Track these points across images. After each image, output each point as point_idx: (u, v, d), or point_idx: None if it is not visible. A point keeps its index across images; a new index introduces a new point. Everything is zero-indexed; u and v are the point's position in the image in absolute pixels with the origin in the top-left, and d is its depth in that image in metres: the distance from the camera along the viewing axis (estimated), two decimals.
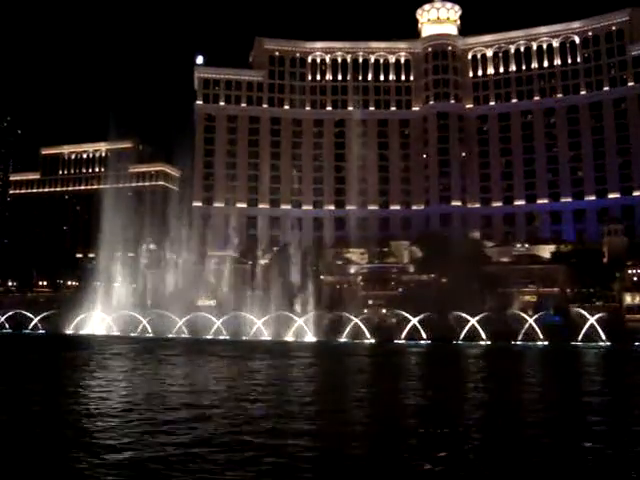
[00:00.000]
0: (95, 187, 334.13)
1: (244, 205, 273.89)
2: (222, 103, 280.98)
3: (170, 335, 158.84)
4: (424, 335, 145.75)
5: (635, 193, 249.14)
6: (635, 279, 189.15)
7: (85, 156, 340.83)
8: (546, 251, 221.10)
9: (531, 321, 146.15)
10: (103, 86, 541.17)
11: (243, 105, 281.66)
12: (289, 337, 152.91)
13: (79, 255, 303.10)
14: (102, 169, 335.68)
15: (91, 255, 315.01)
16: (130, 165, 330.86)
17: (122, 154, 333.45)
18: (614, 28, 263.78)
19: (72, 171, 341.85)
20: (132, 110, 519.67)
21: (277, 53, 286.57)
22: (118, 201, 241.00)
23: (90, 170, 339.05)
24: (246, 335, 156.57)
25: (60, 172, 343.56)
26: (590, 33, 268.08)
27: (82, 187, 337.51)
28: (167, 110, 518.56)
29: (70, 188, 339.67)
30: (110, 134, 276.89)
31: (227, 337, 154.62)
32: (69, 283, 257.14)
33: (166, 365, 77.91)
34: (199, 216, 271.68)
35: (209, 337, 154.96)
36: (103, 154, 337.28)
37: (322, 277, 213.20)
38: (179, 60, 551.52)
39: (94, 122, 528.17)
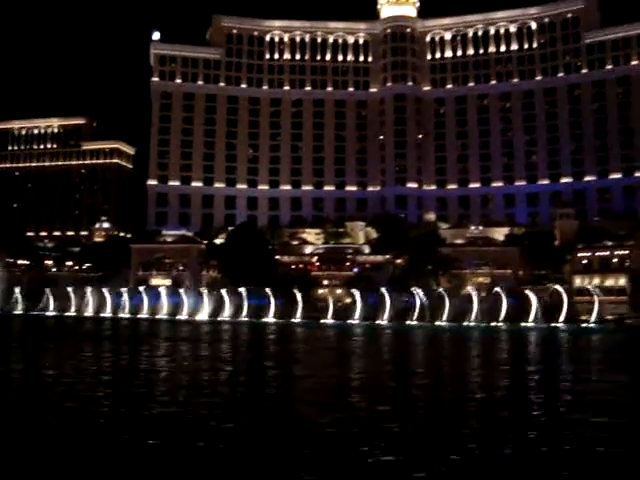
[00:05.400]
0: (47, 164, 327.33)
1: (200, 184, 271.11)
2: (178, 80, 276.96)
3: None
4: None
5: (586, 178, 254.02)
6: (585, 262, 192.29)
7: (36, 132, 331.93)
8: (500, 233, 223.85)
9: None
10: (56, 60, 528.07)
11: (200, 83, 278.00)
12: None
13: (30, 234, 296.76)
14: (54, 145, 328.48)
15: (43, 233, 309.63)
16: (83, 142, 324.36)
17: (75, 130, 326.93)
18: (570, 15, 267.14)
19: (22, 147, 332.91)
20: (86, 85, 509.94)
21: (235, 31, 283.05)
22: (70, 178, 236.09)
23: (41, 146, 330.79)
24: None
25: (9, 148, 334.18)
26: (546, 20, 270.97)
27: (33, 164, 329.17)
28: (122, 86, 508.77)
29: (20, 165, 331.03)
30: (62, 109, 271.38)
31: None
32: (19, 262, 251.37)
33: None
34: (154, 194, 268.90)
35: None
36: (55, 130, 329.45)
37: (278, 257, 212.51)
38: (134, 35, 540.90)
39: (46, 97, 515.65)
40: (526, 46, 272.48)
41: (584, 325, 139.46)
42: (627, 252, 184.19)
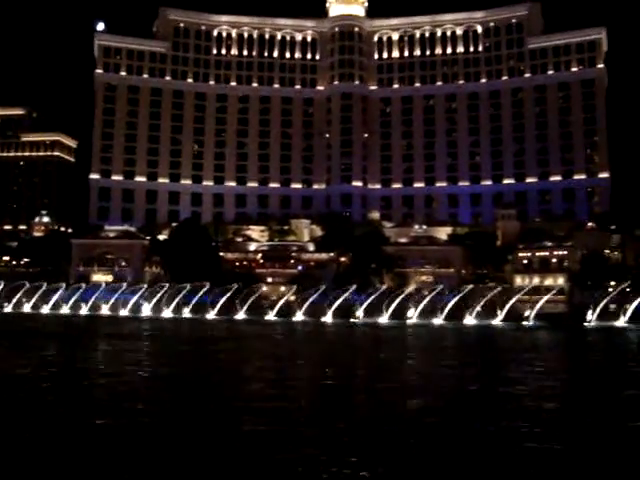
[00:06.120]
0: None
1: (143, 179, 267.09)
2: (123, 73, 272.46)
3: None
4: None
5: (528, 180, 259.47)
6: (525, 262, 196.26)
7: None
8: (443, 233, 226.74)
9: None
10: None
11: (145, 76, 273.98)
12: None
13: None
14: None
15: None
16: (22, 133, 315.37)
17: (13, 121, 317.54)
18: (514, 21, 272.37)
19: None
20: (25, 74, 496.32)
21: (182, 24, 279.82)
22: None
23: None
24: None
25: None
26: (492, 24, 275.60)
27: None
28: (64, 77, 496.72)
29: None
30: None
31: None
32: None
33: None
34: (96, 189, 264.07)
35: None
36: None
37: (222, 254, 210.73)
38: (78, 24, 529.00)
39: None
40: (472, 49, 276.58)
41: (524, 323, 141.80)
42: (566, 252, 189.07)
